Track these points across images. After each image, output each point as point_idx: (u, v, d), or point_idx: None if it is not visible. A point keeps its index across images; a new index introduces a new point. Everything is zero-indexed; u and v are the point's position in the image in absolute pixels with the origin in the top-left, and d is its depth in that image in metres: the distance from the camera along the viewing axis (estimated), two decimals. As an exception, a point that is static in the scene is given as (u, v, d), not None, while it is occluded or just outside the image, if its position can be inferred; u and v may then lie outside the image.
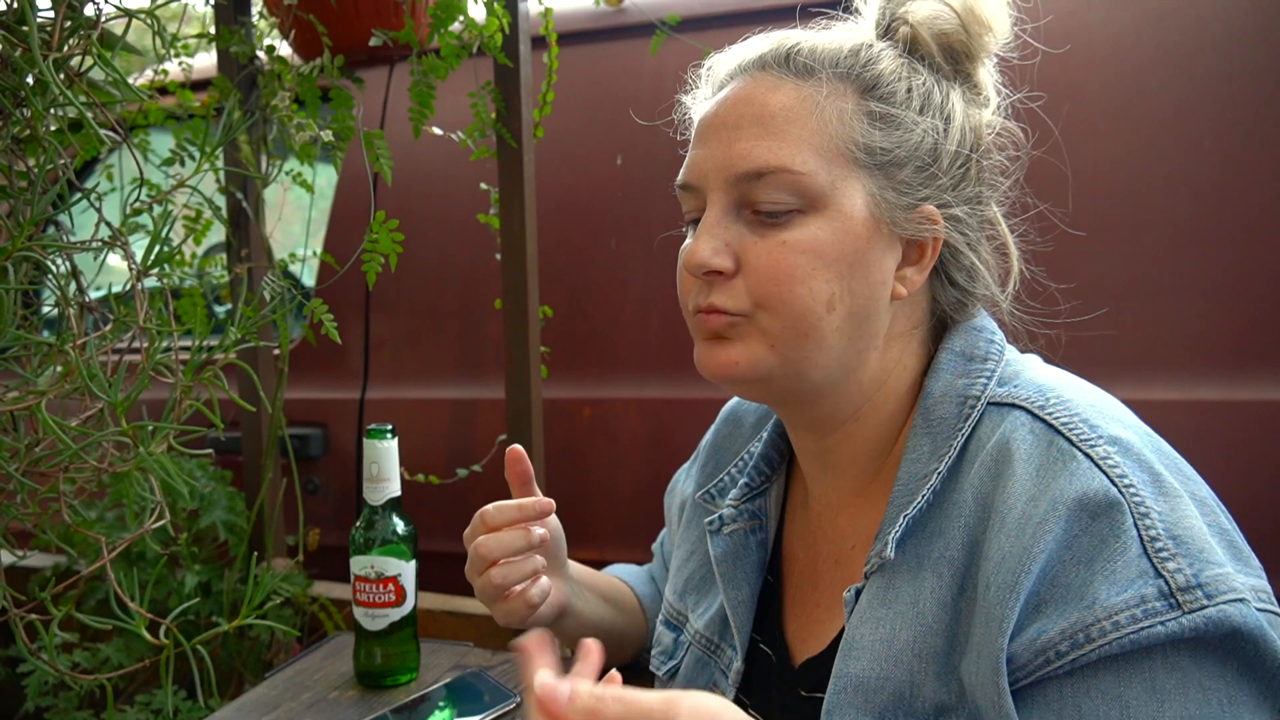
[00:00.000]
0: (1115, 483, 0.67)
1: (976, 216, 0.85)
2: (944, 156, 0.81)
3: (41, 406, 0.86)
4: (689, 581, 1.01)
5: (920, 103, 0.81)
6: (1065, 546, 0.66)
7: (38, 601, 0.94)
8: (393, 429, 1.15)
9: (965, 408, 0.79)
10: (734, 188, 0.79)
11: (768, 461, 0.98)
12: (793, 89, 0.79)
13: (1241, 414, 1.35)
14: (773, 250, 0.77)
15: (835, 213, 0.78)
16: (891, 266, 0.80)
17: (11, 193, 0.91)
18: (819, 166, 0.77)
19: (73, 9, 0.85)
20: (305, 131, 1.46)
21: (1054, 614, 0.65)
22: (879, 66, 0.81)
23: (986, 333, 0.85)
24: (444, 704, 1.05)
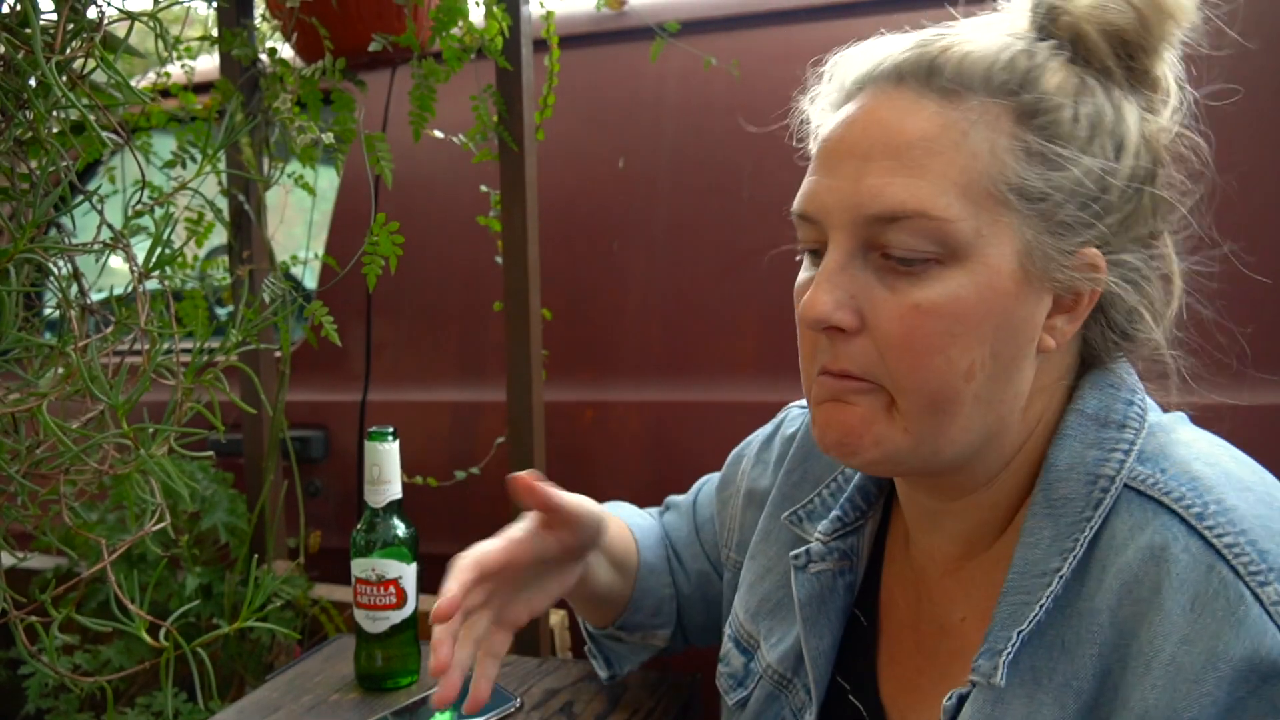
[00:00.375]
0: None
1: (1148, 254, 0.71)
2: (1113, 191, 0.67)
3: (42, 408, 0.86)
4: (764, 604, 0.90)
5: (1089, 129, 0.66)
6: (1227, 710, 0.56)
7: (38, 604, 0.94)
8: (394, 431, 1.15)
9: (1096, 490, 0.66)
10: (862, 229, 0.66)
11: (864, 495, 0.85)
12: (935, 112, 0.65)
13: (1242, 417, 1.35)
14: (905, 315, 0.65)
15: (980, 265, 0.65)
16: (1041, 318, 0.68)
17: (13, 195, 0.91)
18: (964, 211, 0.64)
19: (75, 11, 0.86)
20: (307, 134, 1.46)
21: None
22: (1041, 85, 0.66)
23: (1126, 390, 0.71)
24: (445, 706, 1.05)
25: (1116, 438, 0.68)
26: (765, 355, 1.61)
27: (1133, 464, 0.66)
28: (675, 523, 1.13)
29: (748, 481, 1.01)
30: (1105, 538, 0.65)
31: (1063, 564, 0.65)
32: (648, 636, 1.08)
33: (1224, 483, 0.64)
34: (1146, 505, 0.64)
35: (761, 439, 1.03)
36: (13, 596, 0.93)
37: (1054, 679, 0.64)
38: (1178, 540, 0.61)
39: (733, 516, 1.02)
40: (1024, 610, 0.66)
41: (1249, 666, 0.56)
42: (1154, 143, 0.70)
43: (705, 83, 1.70)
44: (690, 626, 1.11)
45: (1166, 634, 0.59)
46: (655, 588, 1.07)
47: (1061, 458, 0.69)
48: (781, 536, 0.91)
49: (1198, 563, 0.60)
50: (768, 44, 1.70)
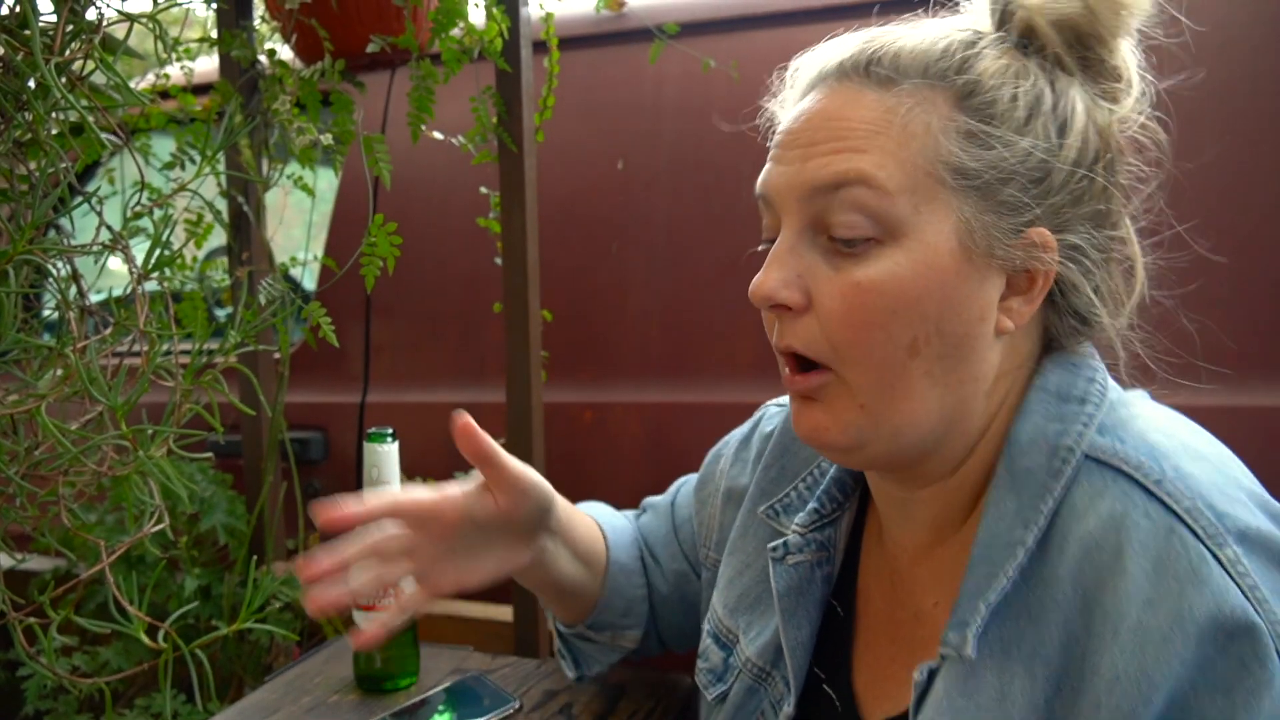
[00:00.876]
0: (1249, 598, 0.58)
1: (1101, 237, 0.73)
2: (1056, 172, 0.70)
3: (41, 410, 0.86)
4: (742, 599, 0.92)
5: (1027, 110, 0.69)
6: (1197, 670, 0.58)
7: (37, 605, 0.94)
8: (393, 432, 1.15)
9: (1056, 460, 0.68)
10: (808, 204, 0.70)
11: (840, 486, 0.87)
12: (875, 100, 0.69)
13: (1242, 419, 1.35)
14: (846, 292, 0.69)
15: (917, 243, 0.68)
16: (992, 298, 0.70)
17: (13, 196, 0.91)
18: (902, 185, 0.67)
19: (75, 13, 0.86)
20: (306, 135, 1.46)
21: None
22: (976, 69, 0.70)
23: (1087, 369, 0.73)
24: (444, 708, 1.05)
25: (1077, 411, 0.70)
26: (765, 357, 1.60)
27: (1092, 436, 0.68)
28: (652, 523, 1.12)
29: (726, 480, 1.01)
30: (1066, 507, 0.67)
31: (1026, 534, 0.67)
32: (617, 637, 1.07)
33: (1180, 451, 0.66)
34: (1105, 473, 0.66)
35: (740, 437, 1.03)
36: (11, 598, 0.93)
37: (1022, 649, 0.65)
38: (1137, 506, 0.63)
39: (712, 515, 1.03)
40: (990, 582, 0.67)
41: (1214, 625, 0.58)
42: (1106, 128, 0.72)
43: (705, 84, 1.70)
44: (666, 629, 1.10)
45: (1131, 598, 0.60)
46: (626, 587, 1.06)
47: (1024, 431, 0.70)
48: (759, 532, 0.92)
49: (1158, 527, 0.62)
50: (767, 46, 1.70)
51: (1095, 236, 0.72)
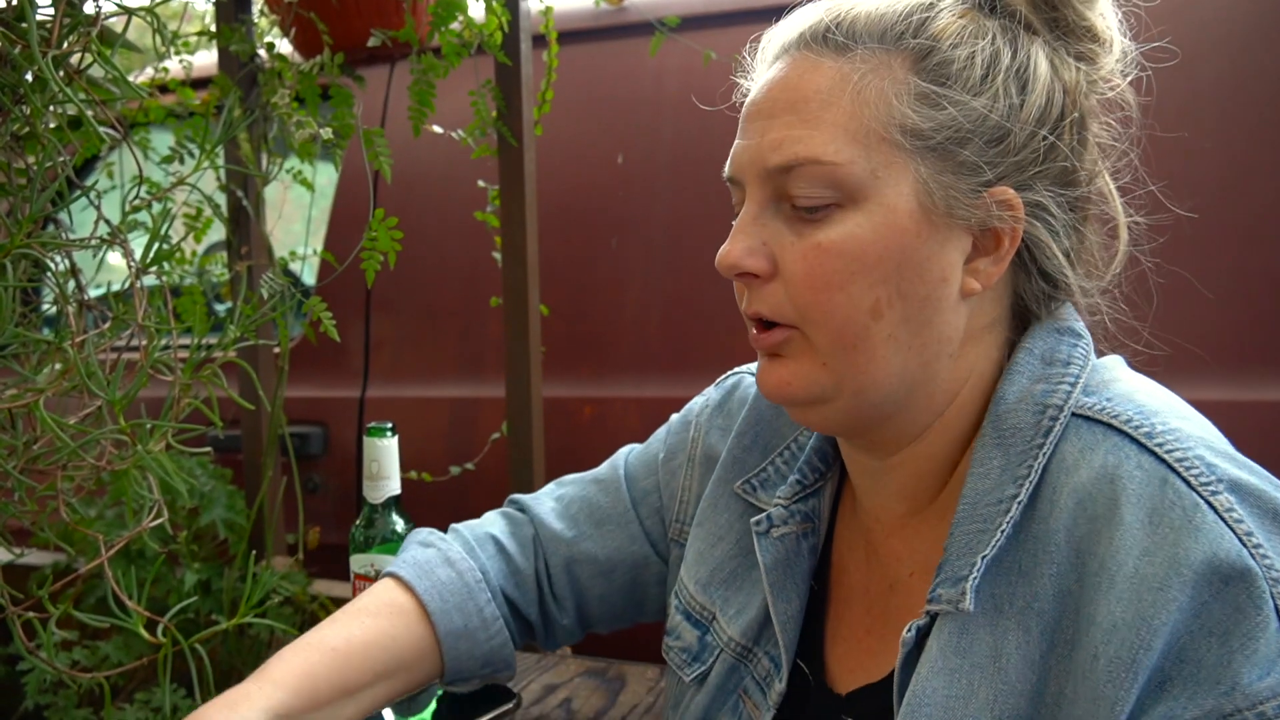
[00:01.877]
0: (1244, 543, 0.59)
1: (1069, 196, 0.73)
2: (1017, 131, 0.70)
3: (40, 404, 0.86)
4: (717, 573, 0.89)
5: (984, 69, 0.69)
6: (1194, 615, 0.58)
7: (36, 599, 0.94)
8: (393, 427, 1.14)
9: (1045, 418, 0.69)
10: (768, 181, 0.72)
11: (821, 456, 0.86)
12: (831, 68, 0.70)
13: (1244, 414, 1.35)
14: (807, 254, 0.70)
15: (876, 205, 0.69)
16: (956, 260, 0.70)
17: (11, 190, 0.91)
18: (855, 154, 0.68)
19: (72, 6, 0.85)
20: (305, 129, 1.46)
21: (1184, 695, 0.58)
22: (931, 31, 0.70)
23: (1070, 335, 0.74)
24: (443, 702, 1.05)
25: (1062, 373, 0.71)
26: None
27: (1079, 395, 0.69)
28: (595, 496, 1.02)
29: (702, 448, 0.97)
30: (1055, 462, 0.67)
31: (1019, 490, 0.67)
32: (487, 678, 0.96)
33: (1167, 409, 0.67)
34: (1095, 429, 0.67)
35: (714, 403, 0.99)
36: (11, 592, 0.93)
37: (1015, 604, 0.66)
38: (1130, 458, 0.64)
39: (686, 488, 0.98)
40: (982, 538, 0.67)
41: (1210, 569, 0.58)
42: (1073, 87, 0.72)
43: (704, 78, 1.69)
44: (599, 614, 1.01)
45: (1128, 548, 0.61)
46: (472, 649, 0.93)
47: (1010, 392, 0.71)
48: (732, 505, 0.90)
49: (1151, 477, 0.62)
50: (767, 40, 1.70)
51: (1063, 195, 0.72)
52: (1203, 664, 0.58)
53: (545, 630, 1.01)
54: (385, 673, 0.88)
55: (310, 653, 0.85)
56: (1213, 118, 1.42)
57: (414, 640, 0.91)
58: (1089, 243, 0.76)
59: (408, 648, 0.90)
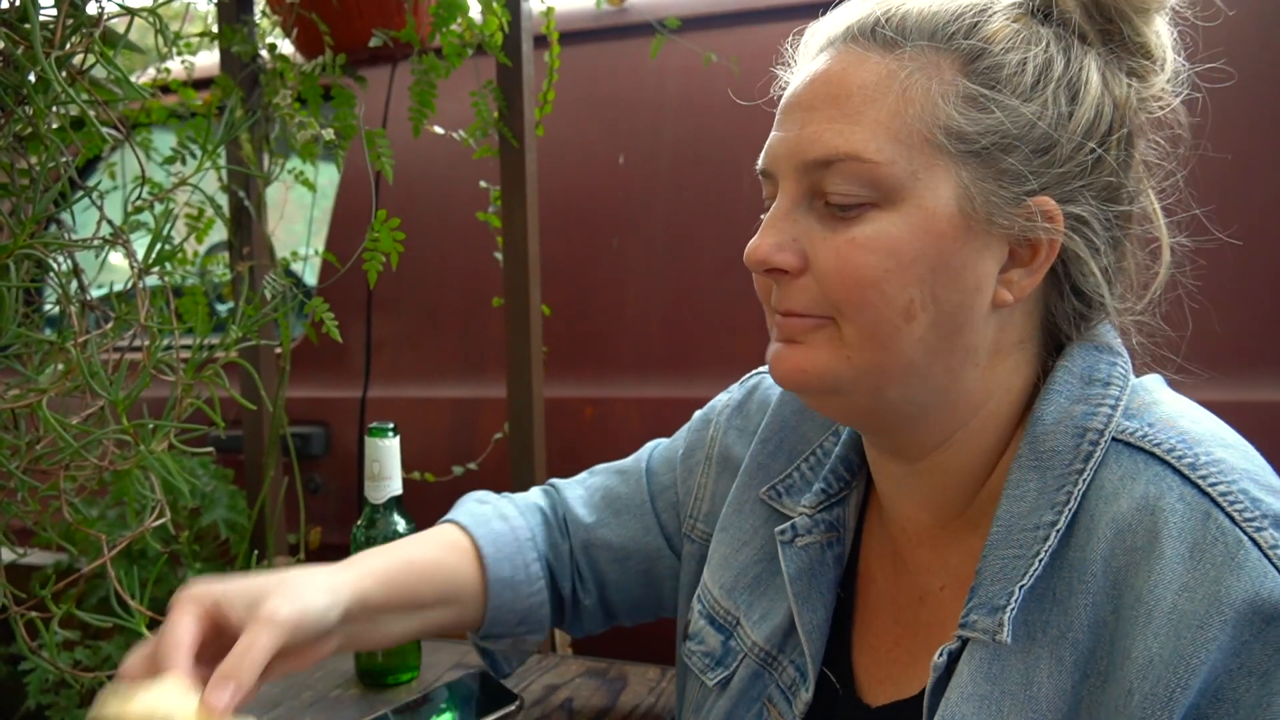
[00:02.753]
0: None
1: (1112, 212, 0.71)
2: (1064, 141, 0.68)
3: (43, 404, 0.86)
4: (741, 578, 0.88)
5: (1035, 76, 0.68)
6: (1233, 655, 0.57)
7: (38, 599, 0.94)
8: (394, 427, 1.15)
9: (1085, 443, 0.67)
10: (804, 176, 0.70)
11: (847, 465, 0.85)
12: (877, 64, 0.68)
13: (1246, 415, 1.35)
14: (841, 249, 0.68)
15: (914, 207, 0.67)
16: (991, 269, 0.68)
17: (13, 190, 0.91)
18: (897, 154, 0.67)
19: (75, 7, 0.85)
20: (307, 130, 1.46)
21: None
22: (983, 33, 0.68)
23: (1109, 353, 0.72)
24: (445, 704, 1.05)
25: (1102, 394, 0.69)
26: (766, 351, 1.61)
27: (1119, 419, 0.67)
28: (617, 486, 1.04)
29: (719, 447, 0.97)
30: (1095, 489, 0.66)
31: (1058, 517, 0.65)
32: (518, 643, 1.01)
33: (1210, 437, 0.65)
34: (1137, 457, 0.65)
35: (734, 403, 0.99)
36: (13, 592, 0.94)
37: (1048, 632, 0.65)
38: (1172, 490, 0.62)
39: (702, 485, 0.98)
40: (1018, 564, 0.66)
41: (1251, 609, 0.57)
42: (1124, 102, 0.71)
43: (706, 79, 1.70)
44: (619, 603, 1.03)
45: (1167, 583, 0.59)
46: (514, 600, 0.97)
47: (1048, 412, 0.69)
48: (757, 509, 0.90)
49: (1194, 511, 0.61)
50: (768, 40, 1.70)
51: (1105, 211, 0.71)
52: (1240, 704, 0.57)
53: (574, 607, 1.04)
54: (444, 598, 0.93)
55: (390, 559, 0.90)
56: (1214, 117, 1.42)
57: (468, 578, 0.96)
58: (1128, 262, 0.74)
59: (463, 583, 0.95)
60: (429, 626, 0.93)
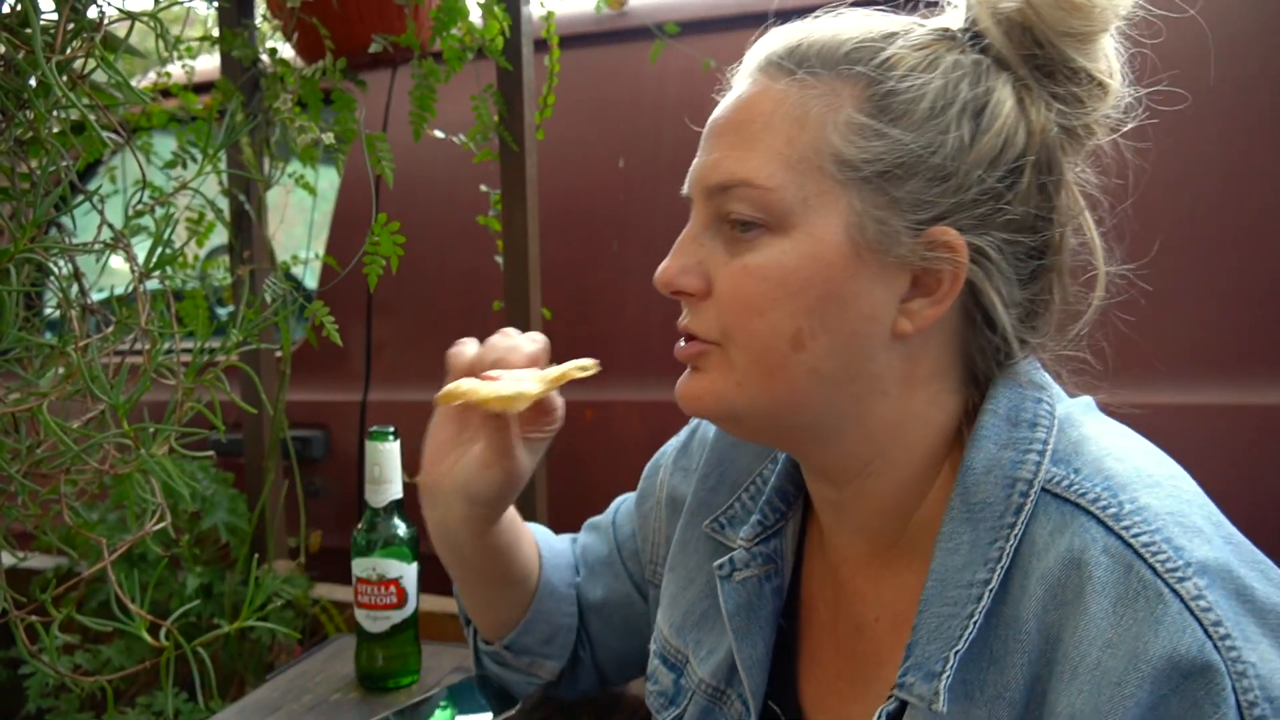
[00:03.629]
0: (1210, 635, 0.57)
1: (1025, 244, 0.69)
2: (967, 169, 0.67)
3: (43, 408, 0.86)
4: (688, 616, 0.89)
5: (933, 104, 0.67)
6: (1150, 709, 0.57)
7: (39, 603, 0.94)
8: (395, 431, 1.15)
9: (1015, 494, 0.66)
10: (709, 201, 0.72)
11: (783, 495, 0.84)
12: (780, 92, 0.69)
13: (1245, 418, 1.35)
14: (735, 275, 0.69)
15: (804, 234, 0.67)
16: (887, 298, 0.68)
17: (14, 194, 0.91)
18: (788, 181, 0.67)
19: (76, 11, 0.86)
20: (307, 134, 1.46)
21: None
22: (883, 61, 0.68)
23: (1034, 389, 0.71)
24: (446, 707, 1.05)
25: (1029, 437, 0.68)
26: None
27: (1048, 465, 0.67)
28: (594, 543, 1.07)
29: (668, 489, 0.98)
30: (1026, 544, 0.65)
31: (991, 576, 0.65)
32: (535, 665, 1.03)
33: (1136, 480, 0.65)
34: (1064, 509, 0.65)
35: (678, 445, 1.01)
36: (13, 596, 0.93)
37: (985, 692, 0.64)
38: (1096, 542, 0.62)
39: (657, 529, 0.99)
40: (952, 624, 0.65)
41: (1169, 665, 0.57)
42: (1041, 130, 0.69)
43: (706, 82, 1.69)
44: (606, 658, 1.06)
45: (1092, 639, 0.60)
46: (554, 613, 1.01)
47: (978, 460, 0.68)
48: (701, 545, 0.89)
49: (1117, 564, 0.61)
50: (768, 44, 1.70)
51: (1018, 243, 0.69)
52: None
53: (573, 662, 1.05)
54: (531, 556, 1.00)
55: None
56: (1214, 120, 1.42)
57: (534, 566, 1.00)
58: (1053, 295, 0.72)
59: (533, 567, 1.00)
60: (504, 576, 0.97)
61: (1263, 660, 0.57)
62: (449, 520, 0.92)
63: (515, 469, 0.88)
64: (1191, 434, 1.33)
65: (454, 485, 0.89)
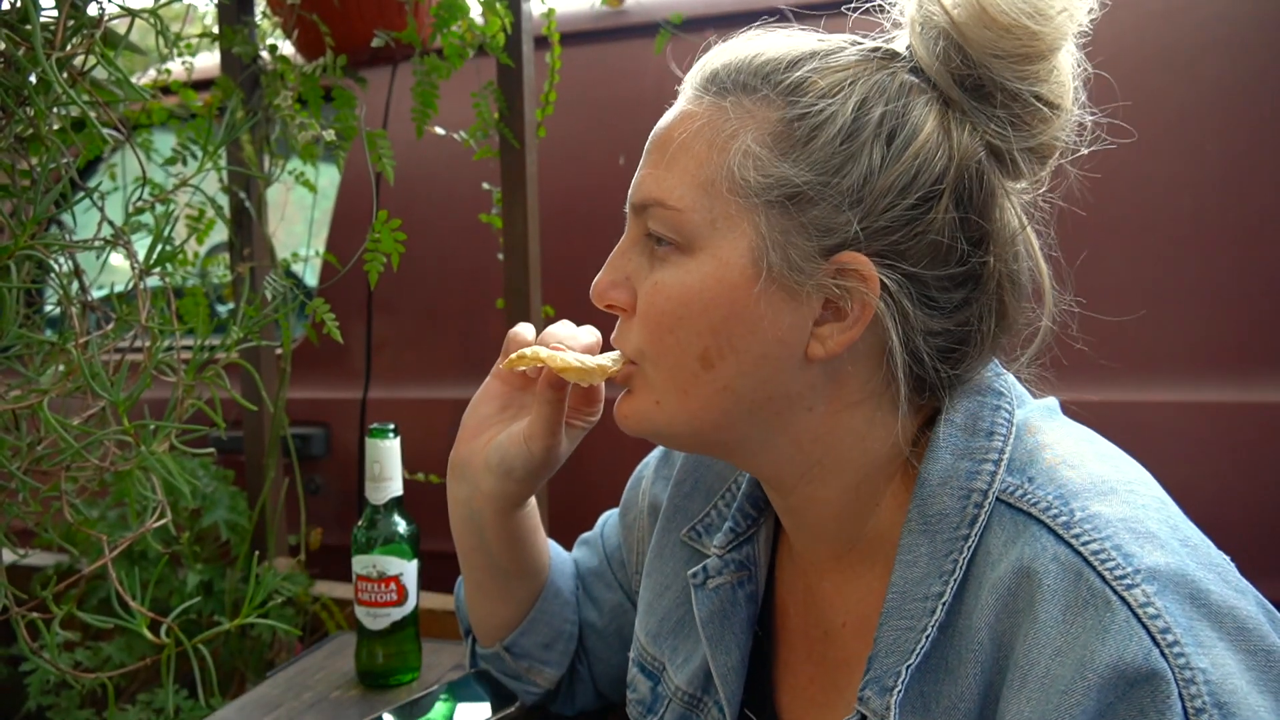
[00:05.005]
0: (1158, 642, 0.57)
1: (945, 273, 0.68)
2: (879, 194, 0.65)
3: (44, 405, 0.86)
4: (664, 624, 0.89)
5: (845, 127, 0.66)
6: (1098, 716, 0.57)
7: (39, 600, 0.94)
8: (395, 428, 1.15)
9: (970, 505, 0.66)
10: (637, 217, 0.73)
11: (753, 502, 0.84)
12: (704, 112, 0.70)
13: (1245, 416, 1.35)
14: (649, 292, 0.70)
15: (710, 256, 0.68)
16: (796, 322, 0.67)
17: (14, 191, 0.91)
18: (698, 202, 0.67)
19: (76, 8, 0.85)
20: (308, 131, 1.46)
21: None
22: (798, 83, 0.67)
23: (992, 396, 0.70)
24: (445, 704, 1.05)
25: (985, 447, 0.68)
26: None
27: (1003, 475, 0.67)
28: (585, 557, 1.08)
29: (649, 498, 0.99)
30: (981, 554, 0.66)
31: (944, 589, 0.65)
32: (532, 670, 1.02)
33: (1089, 489, 0.64)
34: (1018, 518, 0.65)
35: (660, 455, 1.01)
36: (14, 593, 0.94)
37: (941, 703, 0.65)
38: (1046, 550, 0.62)
39: (640, 539, 1.00)
40: (908, 637, 0.66)
41: (1115, 674, 0.57)
42: (966, 156, 0.67)
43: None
44: (603, 671, 1.06)
45: (1041, 646, 0.60)
46: (555, 616, 1.02)
47: (934, 471, 0.68)
48: (677, 552, 0.90)
49: (1066, 571, 0.61)
50: (769, 41, 1.70)
51: (938, 272, 0.68)
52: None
53: (570, 676, 1.05)
54: (541, 555, 1.00)
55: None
56: (1214, 120, 1.42)
57: (545, 566, 1.01)
58: (977, 327, 0.70)
59: (543, 565, 1.01)
60: (514, 570, 0.97)
61: (1215, 665, 0.57)
62: (476, 498, 0.92)
63: (556, 447, 0.88)
64: (1192, 432, 1.34)
65: (488, 459, 0.90)
